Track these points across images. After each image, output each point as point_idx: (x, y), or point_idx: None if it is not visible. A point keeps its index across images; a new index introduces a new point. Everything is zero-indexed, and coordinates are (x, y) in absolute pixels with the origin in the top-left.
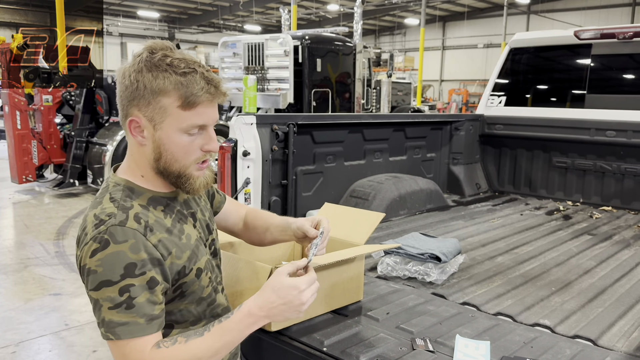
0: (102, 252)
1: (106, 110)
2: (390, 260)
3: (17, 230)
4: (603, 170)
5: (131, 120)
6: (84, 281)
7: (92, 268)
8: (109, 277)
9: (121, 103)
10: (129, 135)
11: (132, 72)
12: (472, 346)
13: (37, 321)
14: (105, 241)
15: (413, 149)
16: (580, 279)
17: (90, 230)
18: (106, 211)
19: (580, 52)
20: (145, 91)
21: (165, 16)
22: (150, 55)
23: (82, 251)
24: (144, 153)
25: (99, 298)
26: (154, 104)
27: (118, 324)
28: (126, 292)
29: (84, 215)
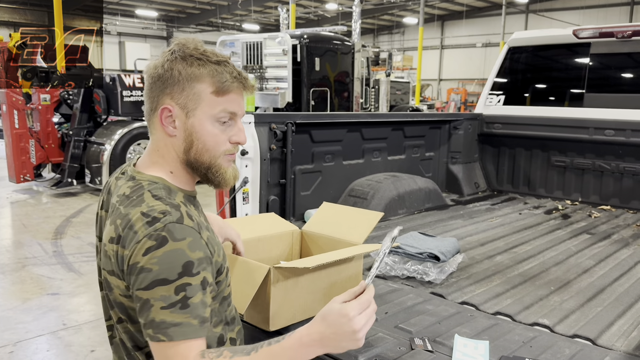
0: (158, 250)
1: (104, 110)
2: (389, 260)
3: (15, 230)
4: (602, 170)
5: (163, 108)
6: (127, 280)
7: (146, 266)
8: (165, 275)
9: (151, 96)
10: (156, 127)
11: (165, 62)
12: (471, 346)
13: (34, 321)
14: (163, 238)
15: (412, 148)
16: (579, 278)
17: (141, 228)
18: (156, 209)
19: (579, 51)
20: (180, 77)
21: (164, 15)
22: (183, 46)
23: (131, 250)
24: (173, 145)
25: (150, 297)
26: (188, 90)
27: (171, 324)
28: (182, 292)
29: (118, 215)
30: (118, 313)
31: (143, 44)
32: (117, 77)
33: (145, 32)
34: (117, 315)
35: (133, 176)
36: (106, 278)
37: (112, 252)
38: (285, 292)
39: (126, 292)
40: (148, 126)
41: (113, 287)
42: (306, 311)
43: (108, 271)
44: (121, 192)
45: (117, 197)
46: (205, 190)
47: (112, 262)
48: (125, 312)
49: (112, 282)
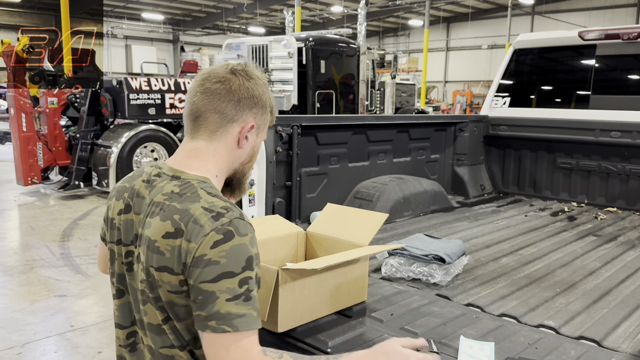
0: (226, 244)
1: (111, 113)
2: (395, 262)
3: (23, 232)
4: (608, 171)
5: (251, 125)
6: (189, 273)
7: (214, 259)
8: (232, 268)
9: (236, 108)
10: (226, 136)
11: (256, 86)
12: (476, 347)
13: (42, 322)
14: (230, 233)
15: (417, 150)
16: (585, 280)
17: (207, 222)
18: (217, 204)
19: (584, 52)
20: (268, 102)
21: (170, 18)
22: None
23: (199, 242)
24: (235, 155)
25: (215, 290)
26: (265, 116)
27: (236, 315)
28: (245, 285)
29: (173, 211)
30: (163, 312)
31: (149, 47)
32: (124, 80)
33: (151, 36)
34: (162, 315)
35: (177, 175)
36: (152, 275)
37: (169, 247)
38: (293, 293)
39: (178, 288)
40: (212, 130)
41: (162, 285)
42: (313, 312)
43: (156, 267)
44: (167, 190)
45: (164, 195)
46: None
47: (166, 257)
48: (172, 309)
49: (161, 279)
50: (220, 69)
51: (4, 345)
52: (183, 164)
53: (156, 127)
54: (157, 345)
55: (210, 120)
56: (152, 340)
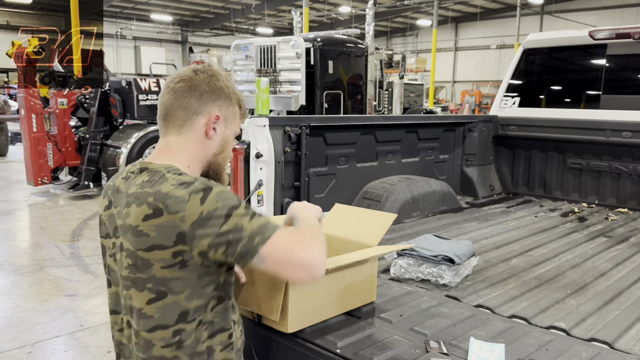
0: (210, 194)
1: (120, 113)
2: (404, 262)
3: (33, 232)
4: (619, 172)
5: (216, 115)
6: (199, 237)
7: (211, 209)
8: (232, 203)
9: (199, 101)
10: (193, 129)
11: (217, 80)
12: (486, 349)
13: (52, 322)
14: (207, 187)
15: (426, 151)
16: (596, 281)
17: (180, 192)
18: (184, 179)
19: (595, 52)
20: (232, 95)
21: (179, 19)
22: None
23: (184, 210)
24: (205, 146)
25: (235, 222)
26: (232, 108)
27: (265, 224)
28: (247, 208)
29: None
30: (150, 291)
31: (158, 48)
32: (133, 81)
33: (160, 37)
34: (147, 295)
35: (145, 167)
36: (141, 258)
37: (152, 227)
38: (303, 294)
39: (171, 261)
40: (180, 125)
41: (153, 263)
42: (323, 313)
43: (145, 249)
44: (138, 181)
45: (136, 186)
46: None
47: (151, 237)
48: (165, 284)
49: (151, 257)
50: (185, 70)
51: (15, 344)
52: (154, 159)
53: None
54: (139, 328)
55: (176, 116)
56: (136, 324)
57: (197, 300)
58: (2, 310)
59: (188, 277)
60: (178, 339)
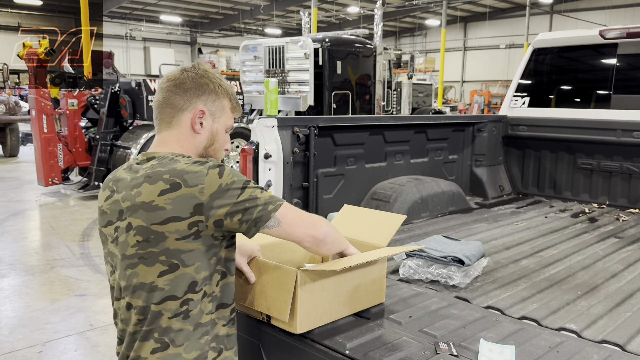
0: (226, 170)
1: (130, 114)
2: (413, 263)
3: (44, 232)
4: (630, 172)
5: (200, 110)
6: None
7: (229, 182)
8: (245, 178)
9: (183, 98)
10: (182, 124)
11: (202, 77)
12: (496, 350)
13: (62, 321)
14: (221, 166)
15: (435, 151)
16: (607, 282)
17: (198, 167)
18: (194, 159)
19: (605, 51)
20: (214, 91)
21: (188, 20)
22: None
23: (204, 183)
24: (195, 140)
25: (250, 193)
26: (218, 102)
27: (274, 196)
28: (256, 184)
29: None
30: (162, 264)
31: (167, 49)
32: (143, 82)
33: (169, 38)
34: (158, 269)
35: (152, 156)
36: (154, 232)
37: (169, 200)
38: (312, 294)
39: (186, 233)
40: (168, 121)
41: (168, 235)
42: (332, 314)
43: (160, 222)
44: (147, 166)
45: (145, 169)
46: None
47: (167, 210)
48: (178, 256)
49: (166, 230)
50: (174, 71)
51: (26, 343)
52: (158, 148)
53: None
54: (147, 302)
55: (165, 113)
56: (142, 298)
57: (204, 272)
58: (13, 309)
59: (199, 248)
60: (185, 309)
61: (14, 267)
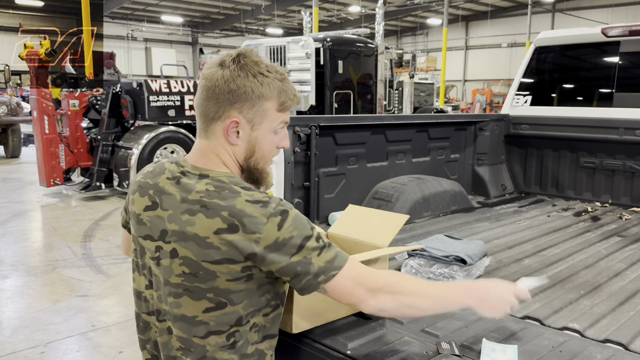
0: (287, 220)
1: (131, 115)
2: (414, 263)
3: (45, 233)
4: (633, 171)
5: (232, 121)
6: (270, 260)
7: (287, 236)
8: (306, 233)
9: (216, 105)
10: (217, 134)
11: (236, 77)
12: (499, 350)
13: (64, 322)
14: (284, 211)
15: (436, 150)
16: (610, 281)
17: (258, 212)
18: (256, 195)
19: (608, 49)
20: (252, 95)
21: (189, 21)
22: (250, 61)
23: (263, 232)
24: (233, 152)
25: (305, 255)
26: (257, 107)
27: (332, 259)
28: (320, 238)
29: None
30: (209, 302)
31: (169, 50)
32: (144, 83)
33: (171, 38)
34: (204, 305)
35: (205, 174)
36: (206, 269)
37: (223, 241)
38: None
39: (238, 275)
40: (204, 130)
41: (219, 275)
42: (331, 314)
43: (213, 261)
44: (201, 188)
45: (199, 193)
46: None
47: (222, 250)
48: (227, 296)
49: (218, 270)
50: (213, 62)
51: (28, 344)
52: (201, 162)
53: (176, 129)
54: (190, 335)
55: (200, 120)
56: (185, 331)
57: (253, 307)
58: (15, 310)
59: (250, 288)
60: (232, 341)
61: (16, 267)
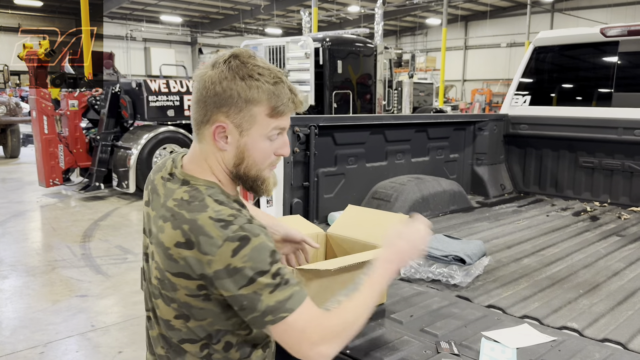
0: (245, 248)
1: (131, 115)
2: (414, 262)
3: (45, 233)
4: (631, 170)
5: (218, 126)
6: (220, 285)
7: (239, 265)
8: (261, 267)
9: (205, 108)
10: (206, 139)
11: (223, 80)
12: (498, 349)
13: (64, 322)
14: (244, 237)
15: (436, 150)
16: (609, 281)
17: (217, 232)
18: (224, 212)
19: (606, 49)
20: (239, 99)
21: (188, 21)
22: (239, 63)
23: (214, 254)
24: (222, 158)
25: (255, 290)
26: (245, 112)
27: (285, 299)
28: (278, 275)
29: (183, 220)
30: (175, 310)
31: (168, 50)
32: (143, 83)
33: (170, 38)
34: (173, 312)
35: (187, 180)
36: (168, 279)
37: (181, 256)
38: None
39: (195, 292)
40: (196, 133)
41: (179, 288)
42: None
43: (173, 273)
44: (177, 196)
45: (174, 201)
46: None
47: (180, 264)
48: (189, 310)
49: (178, 283)
50: (211, 60)
51: (27, 344)
52: (193, 167)
53: (175, 129)
54: (169, 336)
55: (192, 122)
56: (165, 331)
57: (220, 327)
58: (14, 310)
59: (211, 309)
60: (207, 353)
61: (15, 268)
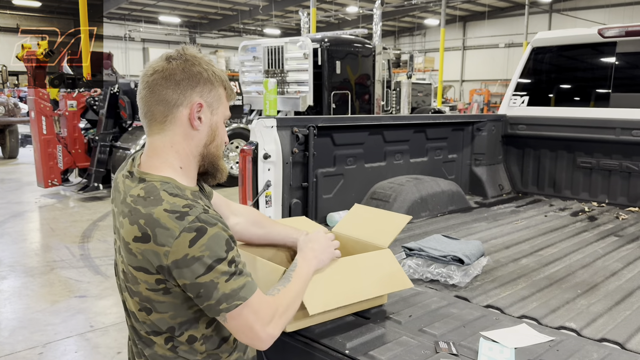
0: (202, 238)
1: (129, 115)
2: (412, 263)
3: (43, 234)
4: (629, 171)
5: (197, 104)
6: (178, 274)
7: (197, 255)
8: (218, 254)
9: (177, 92)
10: (177, 122)
11: (192, 65)
12: (496, 349)
13: (63, 323)
14: (201, 228)
15: (434, 150)
16: (607, 281)
17: (172, 224)
18: (178, 204)
19: (604, 50)
20: (210, 79)
21: (187, 21)
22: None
23: (171, 246)
24: (193, 138)
25: (212, 279)
26: (214, 91)
27: (239, 288)
28: (233, 263)
29: (139, 215)
30: (138, 304)
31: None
32: None
33: (168, 38)
34: (137, 305)
35: (142, 178)
36: (131, 272)
37: (139, 250)
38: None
39: (154, 286)
40: (160, 120)
41: (140, 282)
42: (325, 314)
43: (134, 267)
44: (134, 193)
45: (131, 197)
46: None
47: (139, 259)
48: (150, 302)
49: (138, 277)
50: (157, 60)
51: (26, 345)
52: (150, 163)
53: None
54: (138, 328)
55: (156, 113)
56: (134, 323)
57: (182, 319)
58: (13, 311)
59: (171, 302)
60: (171, 345)
61: (13, 268)
